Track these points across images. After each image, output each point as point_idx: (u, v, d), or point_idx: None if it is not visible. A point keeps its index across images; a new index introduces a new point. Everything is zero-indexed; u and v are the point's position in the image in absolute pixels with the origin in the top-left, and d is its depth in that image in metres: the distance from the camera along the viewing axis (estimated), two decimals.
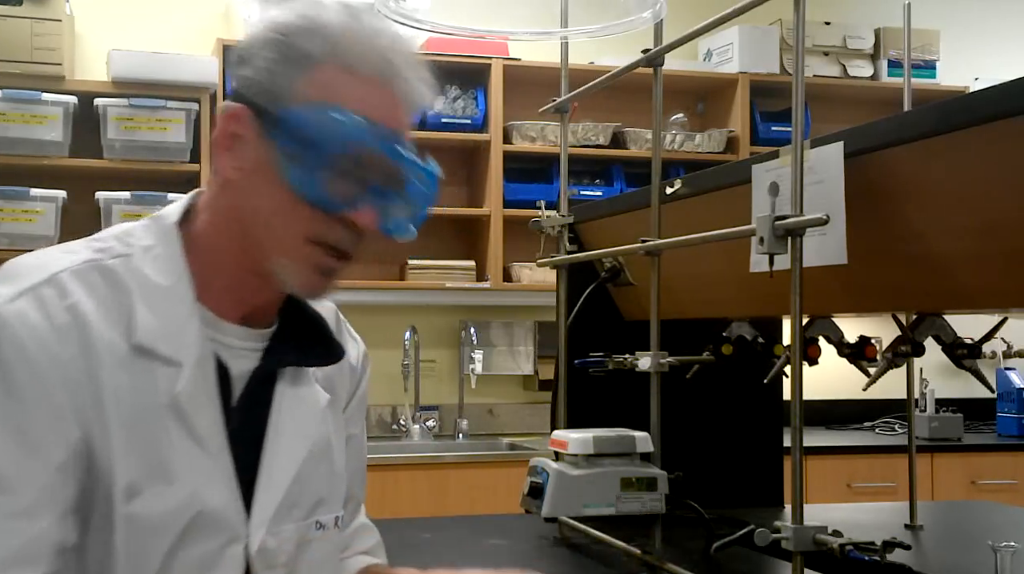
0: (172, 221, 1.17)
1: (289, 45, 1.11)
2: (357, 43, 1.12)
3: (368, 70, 1.11)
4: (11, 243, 3.81)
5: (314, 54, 1.10)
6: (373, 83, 1.11)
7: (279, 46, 1.12)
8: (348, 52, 1.11)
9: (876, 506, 2.78)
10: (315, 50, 1.10)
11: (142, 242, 1.14)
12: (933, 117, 1.33)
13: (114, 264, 1.11)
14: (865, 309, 1.73)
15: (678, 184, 1.82)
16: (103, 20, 4.22)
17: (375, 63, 1.11)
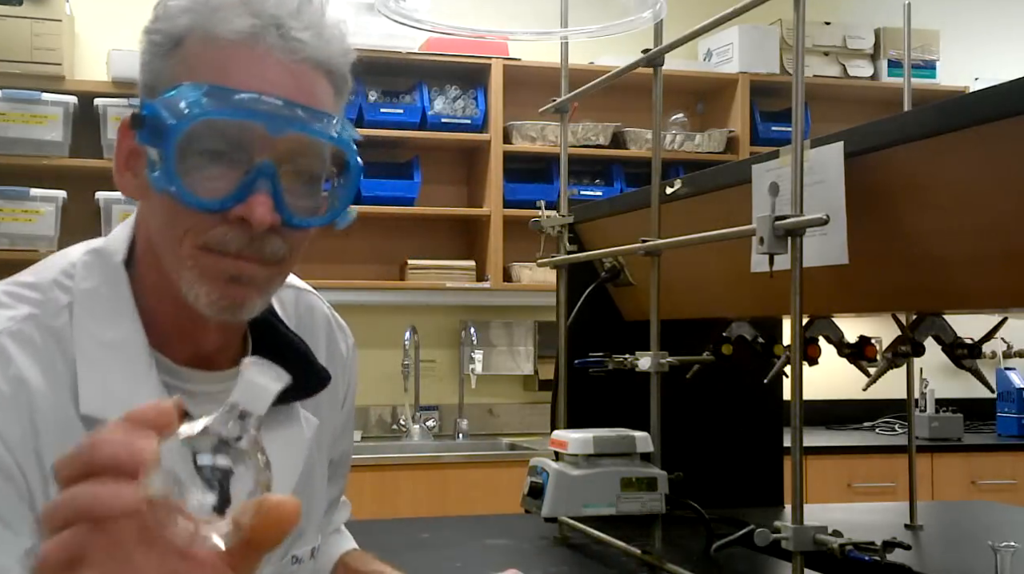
0: (118, 258, 1.05)
1: (156, 31, 0.99)
2: (217, 2, 0.97)
3: (230, 29, 0.95)
4: (11, 243, 3.81)
5: (177, 32, 0.97)
6: (237, 44, 0.95)
7: (149, 36, 1.00)
8: (209, 16, 0.96)
9: (876, 506, 2.78)
10: (178, 27, 0.97)
11: (85, 284, 1.03)
12: (933, 117, 1.33)
13: (55, 320, 1.00)
14: (865, 309, 1.73)
15: (678, 184, 1.82)
16: (103, 20, 4.22)
17: (239, 19, 0.95)
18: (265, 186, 0.93)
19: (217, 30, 0.95)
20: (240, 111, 0.92)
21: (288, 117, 0.93)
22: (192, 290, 0.97)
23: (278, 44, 0.95)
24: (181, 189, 0.93)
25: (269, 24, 0.95)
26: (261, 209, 0.93)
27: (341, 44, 1.00)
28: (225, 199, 0.93)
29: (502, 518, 2.17)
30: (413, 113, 4.28)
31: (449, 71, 4.40)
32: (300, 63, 0.96)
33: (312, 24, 0.97)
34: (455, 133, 4.32)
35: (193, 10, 0.96)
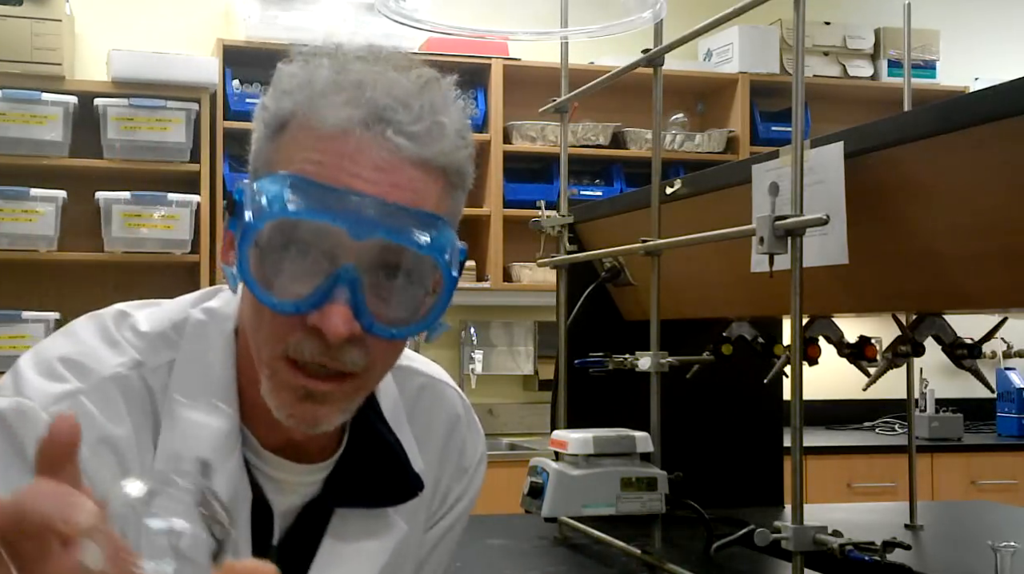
0: (230, 326, 0.99)
1: (265, 107, 0.93)
2: (321, 85, 0.89)
3: (331, 118, 0.87)
4: (11, 243, 3.81)
5: (282, 114, 0.90)
6: (335, 135, 0.86)
7: (260, 113, 0.94)
8: (314, 101, 0.88)
9: (876, 506, 2.78)
10: (283, 109, 0.90)
11: (192, 345, 0.98)
12: (933, 117, 1.33)
13: (154, 377, 0.96)
14: (865, 309, 1.73)
15: (678, 184, 1.82)
16: (103, 20, 4.22)
17: (341, 108, 0.87)
18: (343, 294, 0.85)
19: (318, 117, 0.87)
20: (321, 212, 0.84)
21: (374, 220, 0.84)
22: (269, 398, 0.91)
23: (379, 139, 0.86)
24: (256, 288, 0.86)
25: (373, 116, 0.87)
26: (335, 320, 0.85)
27: (456, 138, 0.91)
28: (300, 303, 0.86)
29: (502, 518, 2.17)
30: None
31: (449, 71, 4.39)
32: (402, 160, 0.87)
33: (423, 115, 0.89)
34: None
35: (299, 92, 0.90)
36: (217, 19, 4.34)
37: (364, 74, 0.89)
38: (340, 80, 0.88)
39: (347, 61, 0.91)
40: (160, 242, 3.91)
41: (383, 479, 1.03)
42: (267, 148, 0.91)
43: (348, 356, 0.88)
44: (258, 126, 0.93)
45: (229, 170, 4.04)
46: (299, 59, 0.93)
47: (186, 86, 3.95)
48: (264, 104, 0.93)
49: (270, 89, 0.94)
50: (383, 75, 0.89)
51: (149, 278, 4.16)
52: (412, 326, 0.90)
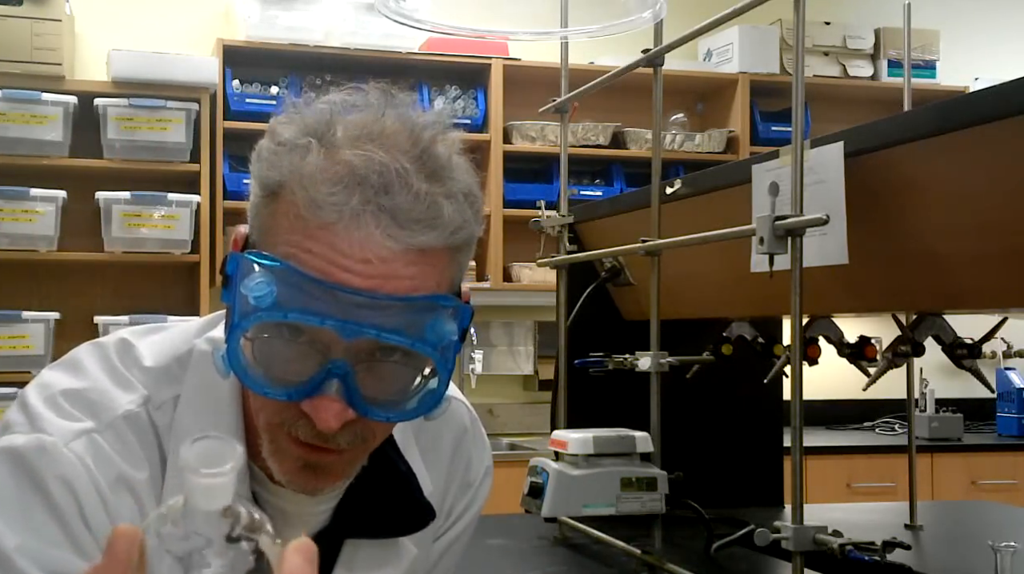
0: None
1: (259, 166, 0.88)
2: (317, 164, 0.84)
3: (321, 203, 0.82)
4: (11, 243, 3.81)
5: (273, 181, 0.86)
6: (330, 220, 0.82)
7: (254, 166, 0.89)
8: (307, 174, 0.84)
9: (876, 506, 2.78)
10: (273, 177, 0.86)
11: (196, 379, 0.96)
12: (933, 117, 1.33)
13: (159, 413, 0.94)
14: (865, 309, 1.73)
15: (678, 184, 1.82)
16: (103, 20, 4.22)
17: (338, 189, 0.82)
18: (335, 387, 0.83)
19: (309, 202, 0.83)
20: (310, 314, 0.81)
21: (365, 319, 0.82)
22: (270, 460, 0.90)
23: (372, 231, 0.82)
24: (245, 376, 0.85)
25: (372, 202, 0.82)
26: (326, 415, 0.83)
27: (462, 210, 0.86)
28: (292, 392, 0.84)
29: (502, 518, 2.18)
30: None
31: (449, 71, 4.40)
32: (400, 251, 0.83)
33: (421, 197, 0.83)
34: None
35: (289, 162, 0.85)
36: (217, 19, 4.34)
37: (355, 157, 0.84)
38: (331, 165, 0.83)
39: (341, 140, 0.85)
40: (160, 242, 3.91)
41: (393, 508, 1.02)
42: (262, 212, 0.88)
43: (343, 438, 0.87)
44: (254, 179, 0.89)
45: (229, 170, 4.04)
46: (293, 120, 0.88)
47: (186, 86, 3.95)
48: (261, 157, 0.89)
49: (267, 141, 0.89)
50: (374, 157, 0.83)
51: (149, 278, 4.16)
52: (408, 411, 0.88)
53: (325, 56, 4.17)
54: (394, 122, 0.87)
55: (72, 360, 0.98)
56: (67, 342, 3.77)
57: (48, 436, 0.90)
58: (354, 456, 0.91)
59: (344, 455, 0.89)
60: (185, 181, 4.01)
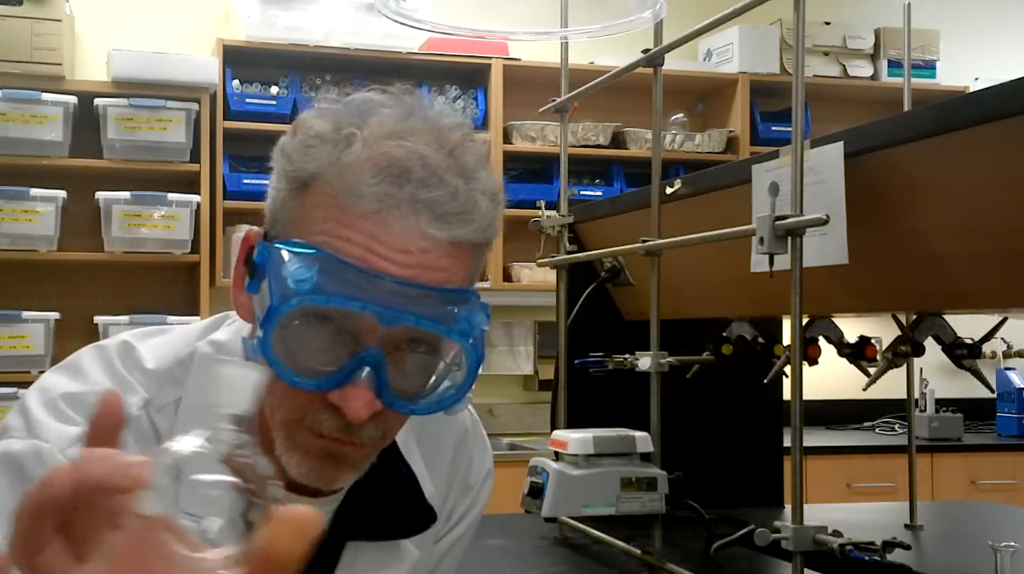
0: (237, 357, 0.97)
1: (288, 159, 0.89)
2: (356, 155, 0.86)
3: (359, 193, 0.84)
4: (11, 243, 3.81)
5: (306, 173, 0.87)
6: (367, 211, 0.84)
7: (280, 159, 0.90)
8: (344, 167, 0.85)
9: (876, 506, 2.78)
10: (307, 168, 0.87)
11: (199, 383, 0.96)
12: (933, 117, 1.33)
13: (160, 417, 0.94)
14: (865, 309, 1.73)
15: (678, 184, 1.82)
16: (103, 20, 4.22)
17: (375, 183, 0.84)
18: (367, 376, 0.83)
19: (349, 192, 0.84)
20: (351, 299, 0.82)
21: (403, 306, 0.83)
22: (284, 455, 0.89)
23: (412, 222, 0.84)
24: (277, 364, 0.84)
25: (407, 198, 0.84)
26: (357, 404, 0.83)
27: (490, 208, 0.89)
28: (322, 382, 0.84)
29: (502, 518, 2.18)
30: None
31: (449, 71, 4.40)
32: (435, 243, 0.85)
33: (459, 193, 0.86)
34: None
35: (327, 153, 0.86)
36: (217, 19, 4.34)
37: (396, 149, 0.85)
38: (373, 156, 0.85)
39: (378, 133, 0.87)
40: (160, 242, 3.91)
41: (394, 510, 1.02)
42: (289, 204, 0.88)
43: (366, 432, 0.88)
44: (279, 174, 0.90)
45: (229, 170, 4.04)
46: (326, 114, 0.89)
47: (186, 86, 3.95)
48: (286, 152, 0.89)
49: (292, 137, 0.90)
50: (416, 150, 0.86)
51: (149, 278, 4.16)
52: (433, 404, 0.89)
53: (325, 56, 4.17)
54: (424, 121, 0.89)
55: (73, 363, 0.98)
56: (67, 342, 3.78)
57: (44, 442, 0.89)
58: (371, 451, 0.91)
59: (361, 450, 0.90)
60: (185, 181, 4.01)
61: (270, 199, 0.91)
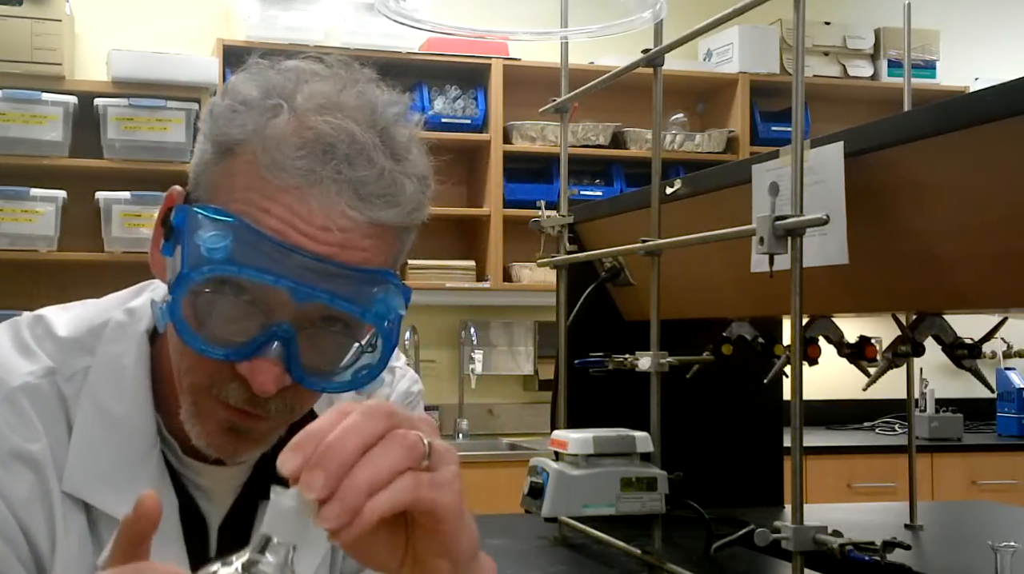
0: (142, 327, 0.96)
1: (214, 121, 0.87)
2: (282, 128, 0.84)
3: (283, 166, 0.82)
4: (11, 243, 3.81)
5: (230, 139, 0.86)
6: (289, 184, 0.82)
7: (207, 122, 0.88)
8: (269, 137, 0.83)
9: (876, 506, 2.78)
10: (232, 135, 0.85)
11: (110, 348, 0.95)
12: (933, 117, 1.33)
13: (68, 384, 0.93)
14: (865, 309, 1.73)
15: (678, 184, 1.82)
16: (103, 20, 4.22)
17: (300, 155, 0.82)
18: (277, 350, 0.83)
19: (272, 164, 0.83)
20: (264, 271, 0.81)
21: (318, 285, 0.82)
22: (189, 424, 0.89)
23: (334, 200, 0.82)
24: (185, 331, 0.83)
25: (329, 174, 0.82)
26: (264, 378, 0.83)
27: (417, 191, 0.87)
28: (231, 352, 0.83)
29: (502, 518, 2.17)
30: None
31: (449, 71, 4.40)
32: (357, 223, 0.84)
33: (384, 174, 0.84)
34: (455, 133, 4.32)
35: (253, 121, 0.85)
36: (217, 19, 4.34)
37: (324, 124, 0.84)
38: (300, 129, 0.84)
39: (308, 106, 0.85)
40: None
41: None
42: (212, 169, 0.87)
43: (272, 406, 0.87)
44: (205, 136, 0.89)
45: None
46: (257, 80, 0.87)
47: (186, 86, 3.95)
48: (214, 115, 0.88)
49: (221, 99, 0.88)
50: (344, 126, 0.84)
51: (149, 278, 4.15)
52: (345, 382, 0.88)
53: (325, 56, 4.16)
54: (358, 96, 0.87)
55: None
56: None
57: None
58: (277, 424, 0.90)
59: (269, 422, 0.89)
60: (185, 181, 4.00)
61: (194, 160, 0.90)
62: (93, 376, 0.94)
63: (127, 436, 0.92)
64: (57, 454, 0.91)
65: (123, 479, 0.91)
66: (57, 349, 0.95)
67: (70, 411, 0.92)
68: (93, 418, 0.92)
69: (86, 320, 0.97)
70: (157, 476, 0.92)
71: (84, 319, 0.98)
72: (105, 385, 0.93)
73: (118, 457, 0.92)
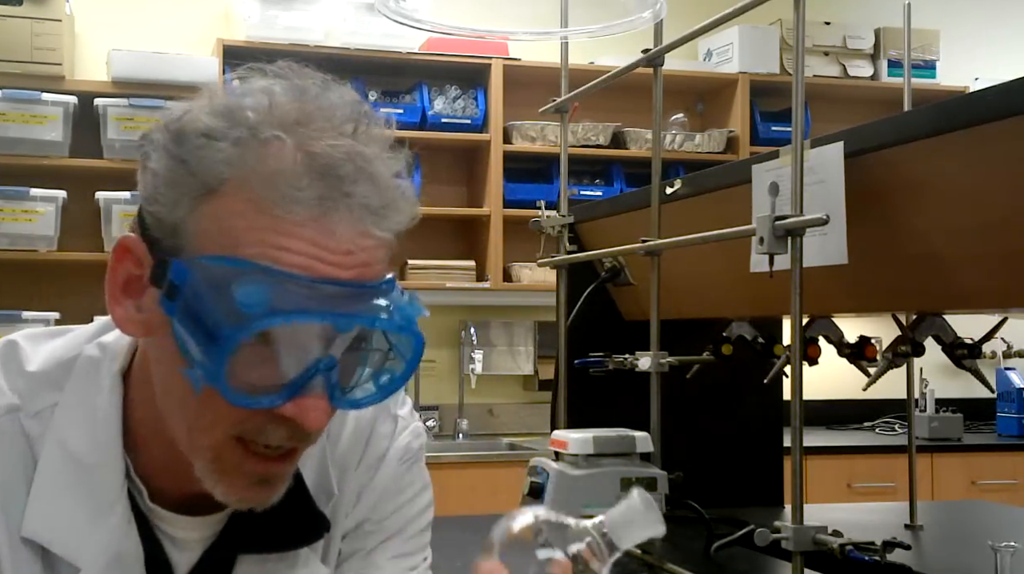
0: (116, 367, 0.91)
1: (182, 161, 0.80)
2: (274, 160, 0.79)
3: (290, 200, 0.78)
4: (11, 243, 3.81)
5: (212, 178, 0.79)
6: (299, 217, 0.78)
7: (170, 160, 0.81)
8: (259, 173, 0.79)
9: (876, 506, 2.78)
10: (213, 172, 0.79)
11: (80, 384, 0.90)
12: (933, 117, 1.33)
13: (33, 423, 0.89)
14: (865, 309, 1.73)
15: (678, 184, 1.82)
16: (103, 20, 4.22)
17: (300, 190, 0.78)
18: (322, 385, 0.80)
19: (273, 197, 0.78)
20: (309, 313, 0.78)
21: (355, 311, 0.80)
22: (208, 481, 0.84)
23: (347, 224, 0.79)
24: (228, 390, 0.78)
25: (338, 198, 0.79)
26: (316, 413, 0.80)
27: (411, 197, 0.85)
28: (276, 397, 0.79)
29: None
30: (413, 113, 4.28)
31: (449, 71, 4.40)
32: (370, 239, 0.81)
33: (385, 186, 0.82)
34: (455, 133, 4.32)
35: (238, 156, 0.79)
36: (217, 19, 4.34)
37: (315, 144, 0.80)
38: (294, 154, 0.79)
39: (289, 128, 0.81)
40: None
41: (285, 521, 0.94)
42: (189, 210, 0.80)
43: (314, 437, 0.85)
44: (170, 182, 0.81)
45: None
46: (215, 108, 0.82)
47: (186, 86, 3.90)
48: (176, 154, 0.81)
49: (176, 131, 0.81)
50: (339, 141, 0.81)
51: None
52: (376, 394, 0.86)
53: (325, 56, 4.17)
54: (328, 108, 0.83)
55: None
56: None
57: None
58: (298, 458, 0.88)
59: (294, 458, 0.86)
60: None
61: (156, 208, 0.82)
62: (60, 414, 0.89)
63: (93, 479, 0.88)
64: (14, 496, 0.87)
65: (87, 524, 0.87)
66: (24, 385, 0.91)
67: (34, 450, 0.88)
68: (58, 458, 0.88)
69: (59, 353, 0.93)
70: (124, 522, 0.88)
71: (57, 352, 0.93)
72: (72, 424, 0.89)
73: (83, 501, 0.87)
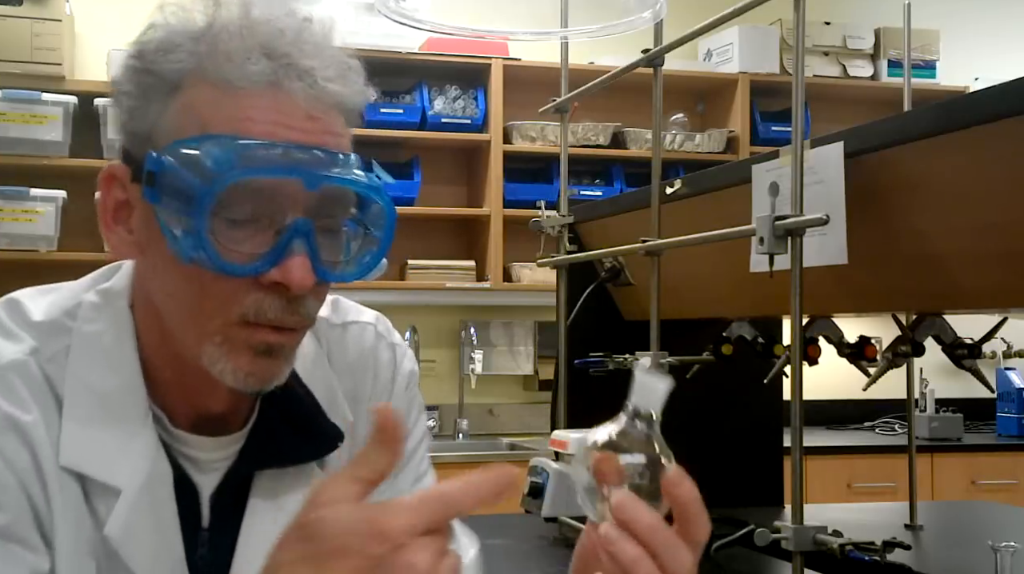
0: (123, 303, 0.97)
1: (146, 71, 0.89)
2: (225, 44, 0.87)
3: (246, 74, 0.86)
4: (11, 243, 3.81)
5: (174, 74, 0.87)
6: (256, 91, 0.86)
7: (136, 75, 0.89)
8: (216, 57, 0.86)
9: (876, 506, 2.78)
10: (175, 69, 0.87)
11: (89, 327, 0.95)
12: (933, 117, 1.33)
13: (51, 365, 0.93)
14: (865, 309, 1.73)
15: (678, 184, 1.82)
16: (103, 20, 4.22)
17: (252, 64, 0.86)
18: (302, 246, 0.86)
19: (229, 75, 0.85)
20: (276, 168, 0.84)
21: (322, 170, 0.86)
22: (218, 365, 0.89)
23: (301, 90, 0.87)
24: (214, 256, 0.85)
25: (288, 67, 0.86)
26: (300, 272, 0.86)
27: (359, 81, 0.93)
28: (259, 263, 0.85)
29: (502, 518, 2.17)
30: (413, 113, 4.28)
31: (449, 71, 4.40)
32: (327, 108, 0.88)
33: (332, 63, 0.89)
34: (455, 133, 4.32)
35: (194, 50, 0.87)
36: None
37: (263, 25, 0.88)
38: (244, 36, 0.87)
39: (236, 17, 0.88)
40: None
41: (299, 436, 1.00)
42: (160, 112, 0.88)
43: (305, 308, 0.90)
44: (135, 89, 0.89)
45: None
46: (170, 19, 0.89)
47: None
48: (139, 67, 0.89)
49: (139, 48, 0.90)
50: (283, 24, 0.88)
51: None
52: (359, 268, 0.93)
53: None
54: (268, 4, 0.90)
55: None
56: None
57: None
58: (300, 335, 0.93)
59: (296, 335, 0.91)
60: None
61: (132, 124, 0.90)
62: (74, 355, 0.94)
63: (119, 409, 0.93)
64: (49, 426, 0.91)
65: (119, 450, 0.92)
66: (35, 332, 0.95)
67: (56, 389, 0.93)
68: (82, 394, 0.93)
69: (58, 303, 0.98)
70: (152, 446, 0.93)
71: (58, 302, 0.98)
72: (88, 363, 0.94)
73: (112, 429, 0.92)
